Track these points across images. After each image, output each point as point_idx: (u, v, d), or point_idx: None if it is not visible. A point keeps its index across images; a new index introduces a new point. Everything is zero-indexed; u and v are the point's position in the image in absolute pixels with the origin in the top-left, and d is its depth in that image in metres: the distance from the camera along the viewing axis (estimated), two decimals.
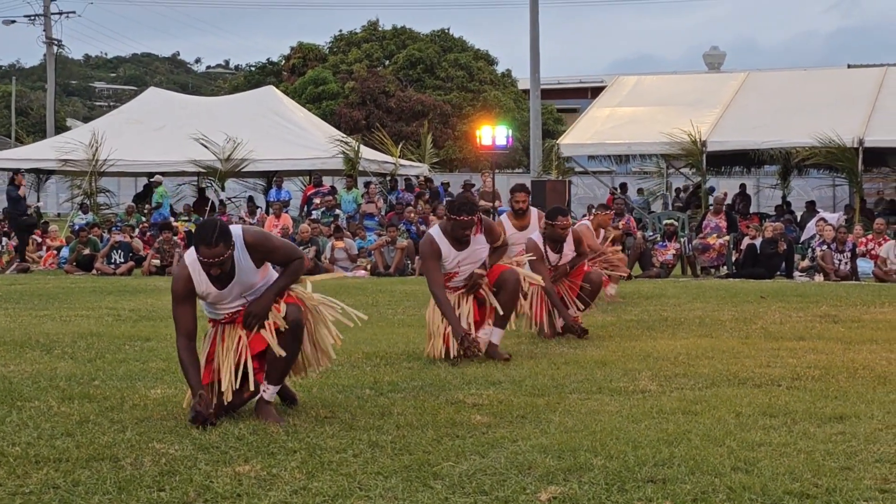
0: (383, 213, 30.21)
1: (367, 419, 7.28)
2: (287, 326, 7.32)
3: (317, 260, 25.38)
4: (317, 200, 30.36)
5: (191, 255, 7.29)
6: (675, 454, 6.23)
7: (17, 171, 28.65)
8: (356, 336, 12.06)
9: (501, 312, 10.43)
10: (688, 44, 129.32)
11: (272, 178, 33.46)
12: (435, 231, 10.43)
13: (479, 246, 10.31)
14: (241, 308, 7.47)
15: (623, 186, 34.77)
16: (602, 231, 16.37)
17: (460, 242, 10.23)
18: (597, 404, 7.82)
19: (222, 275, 7.25)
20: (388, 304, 16.47)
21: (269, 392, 7.40)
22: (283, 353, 7.30)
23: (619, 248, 16.91)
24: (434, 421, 7.21)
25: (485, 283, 10.44)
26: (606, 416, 7.36)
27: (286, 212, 29.70)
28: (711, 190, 30.86)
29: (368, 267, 25.44)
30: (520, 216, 13.49)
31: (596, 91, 39.82)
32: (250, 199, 33.96)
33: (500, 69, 57.41)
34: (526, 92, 43.50)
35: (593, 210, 19.17)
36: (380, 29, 57.32)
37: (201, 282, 7.29)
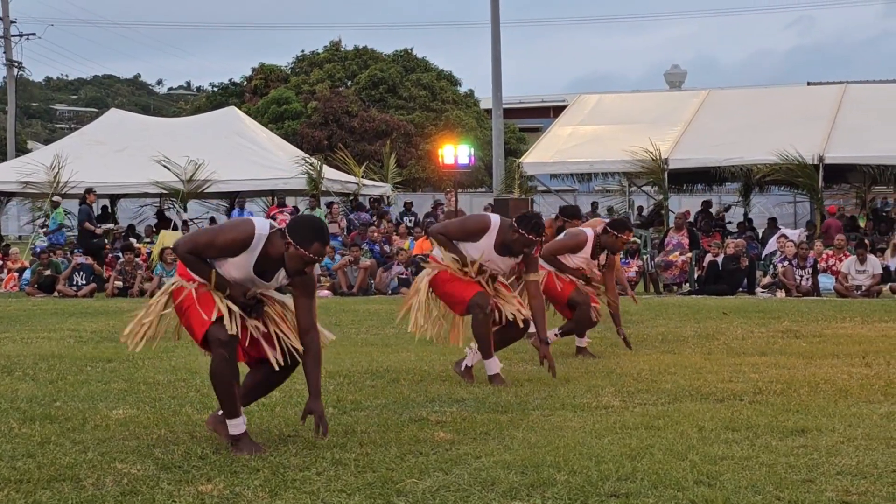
0: (346, 232, 30.20)
1: (330, 437, 7.26)
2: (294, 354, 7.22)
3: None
4: (281, 217, 30.32)
5: (263, 228, 6.95)
6: (638, 469, 6.24)
7: (89, 190, 28.39)
8: None
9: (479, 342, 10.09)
10: (647, 62, 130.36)
11: (235, 199, 33.41)
12: (494, 219, 10.05)
13: (513, 262, 10.15)
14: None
15: (594, 206, 34.84)
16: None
17: (507, 251, 9.96)
18: (560, 420, 7.84)
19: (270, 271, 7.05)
20: (351, 323, 16.46)
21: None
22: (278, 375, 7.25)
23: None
24: (397, 438, 7.20)
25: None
26: (570, 432, 7.37)
27: None
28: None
29: (332, 286, 25.39)
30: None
31: (558, 110, 39.95)
32: (212, 220, 33.87)
33: (462, 89, 57.50)
34: (488, 111, 43.62)
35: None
36: (342, 49, 57.31)
37: (250, 262, 6.98)
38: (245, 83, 58.45)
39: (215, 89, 63.31)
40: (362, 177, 33.62)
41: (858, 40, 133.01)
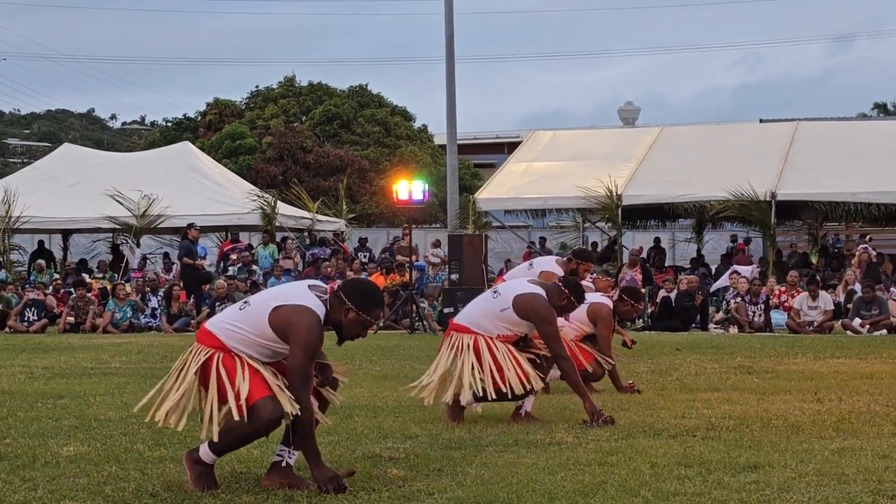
0: (300, 268, 30.14)
1: None
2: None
3: None
4: (233, 256, 30.27)
5: (322, 313, 6.83)
6: None
7: (190, 225, 28.20)
8: None
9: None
10: (598, 99, 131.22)
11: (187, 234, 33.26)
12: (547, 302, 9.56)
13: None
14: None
15: (542, 241, 34.92)
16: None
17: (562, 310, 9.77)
18: (513, 456, 7.83)
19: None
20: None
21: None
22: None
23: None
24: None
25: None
26: (523, 468, 7.36)
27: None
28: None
29: None
30: None
31: (512, 146, 40.05)
32: (166, 255, 33.70)
33: (416, 125, 57.53)
34: (443, 147, 43.65)
35: (590, 274, 13.50)
36: (296, 85, 57.27)
37: None
38: (199, 118, 58.30)
39: (169, 124, 63.17)
40: (316, 212, 33.58)
41: (805, 78, 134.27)
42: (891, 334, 22.20)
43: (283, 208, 32.85)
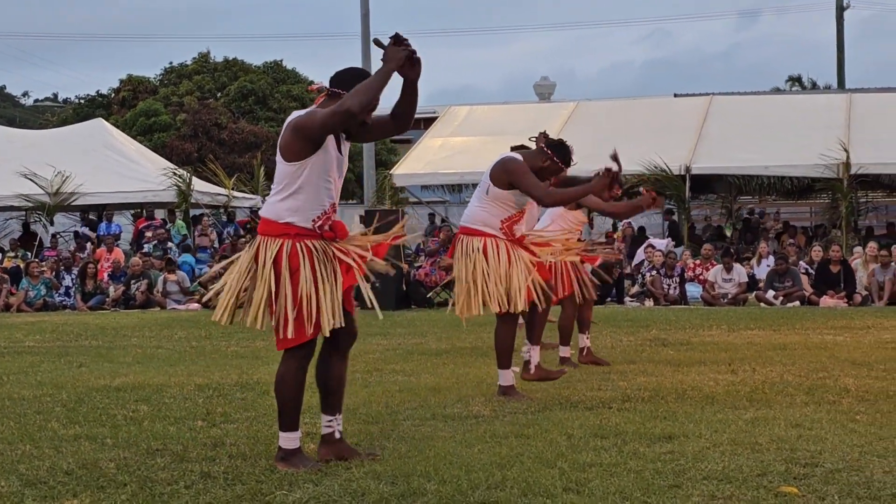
0: (216, 245, 29.99)
1: (199, 450, 7.20)
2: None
3: (149, 293, 25.10)
4: (148, 233, 30.06)
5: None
6: (508, 477, 6.26)
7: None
8: (189, 368, 11.98)
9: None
10: (507, 75, 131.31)
11: (102, 212, 33.00)
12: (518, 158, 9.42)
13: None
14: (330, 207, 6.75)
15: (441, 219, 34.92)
16: None
17: None
18: (430, 430, 7.84)
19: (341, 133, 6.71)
20: (221, 335, 16.32)
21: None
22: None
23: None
24: (267, 451, 7.15)
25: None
26: (440, 442, 7.38)
27: (117, 245, 29.30)
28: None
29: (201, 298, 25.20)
30: None
31: (428, 121, 39.96)
32: (76, 234, 33.39)
33: None
34: None
35: None
36: (211, 61, 56.86)
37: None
38: (113, 95, 57.71)
39: (82, 101, 62.44)
40: (232, 189, 33.41)
41: (713, 53, 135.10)
42: (803, 306, 22.47)
43: (198, 185, 32.67)
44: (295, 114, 6.68)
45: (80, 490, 6.20)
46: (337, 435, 6.97)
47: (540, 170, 9.33)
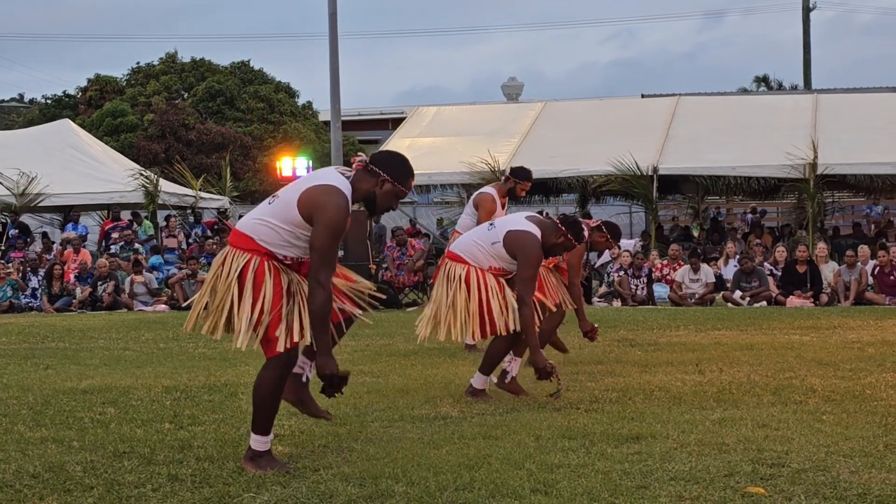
0: (184, 246, 29.91)
1: (166, 453, 7.18)
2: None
3: (116, 295, 25.02)
4: (115, 235, 29.95)
5: (349, 192, 6.64)
6: (476, 478, 6.27)
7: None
8: (156, 370, 11.95)
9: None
10: (474, 75, 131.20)
11: (69, 213, 32.86)
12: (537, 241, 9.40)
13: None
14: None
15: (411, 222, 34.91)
16: None
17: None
18: (398, 431, 7.84)
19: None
20: (188, 337, 16.26)
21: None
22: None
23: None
24: (235, 453, 7.14)
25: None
26: (408, 443, 7.38)
27: (84, 247, 29.19)
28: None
29: (168, 300, 25.12)
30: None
31: (396, 122, 40.00)
32: (45, 234, 33.26)
33: (300, 101, 57.23)
34: (327, 123, 43.50)
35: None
36: (178, 61, 56.70)
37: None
38: (79, 95, 57.51)
39: (48, 101, 62.20)
40: (200, 190, 33.32)
41: (679, 53, 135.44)
42: (770, 306, 22.55)
43: (165, 186, 32.55)
44: (314, 181, 6.69)
45: (47, 493, 6.18)
46: (305, 379, 7.04)
47: (553, 245, 9.44)
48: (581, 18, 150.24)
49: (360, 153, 6.97)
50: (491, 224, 9.70)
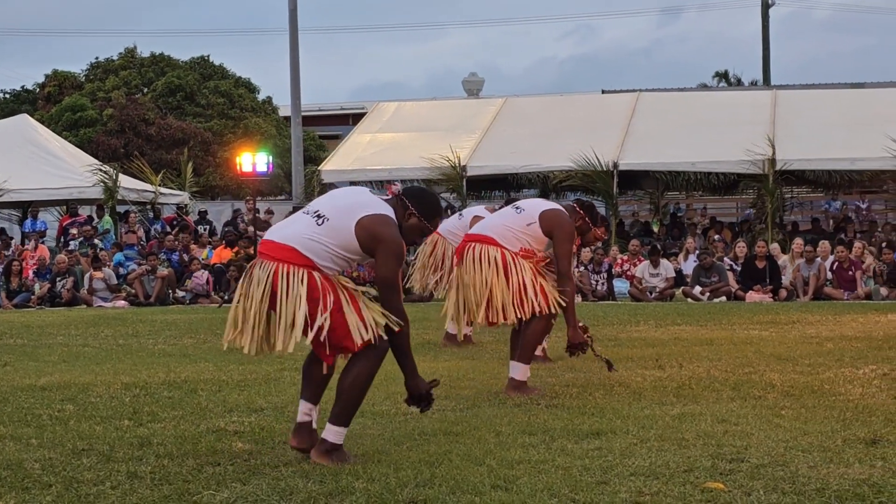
0: (144, 241, 29.80)
1: (125, 450, 7.14)
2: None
3: (75, 291, 24.90)
4: (73, 230, 29.81)
5: (393, 214, 6.74)
6: (437, 475, 6.27)
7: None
8: (115, 367, 11.89)
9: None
10: (432, 70, 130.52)
11: (27, 209, 32.69)
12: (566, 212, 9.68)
13: None
14: None
15: None
16: None
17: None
18: (359, 428, 7.82)
19: None
20: (148, 333, 16.23)
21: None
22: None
23: None
24: (195, 450, 7.12)
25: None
26: (368, 440, 7.38)
27: (43, 242, 29.05)
28: None
29: (128, 296, 25.03)
30: None
31: (357, 117, 39.95)
32: (2, 230, 33.05)
33: (261, 96, 57.07)
34: (287, 119, 43.42)
35: None
36: (137, 56, 56.41)
37: None
38: (38, 90, 57.17)
39: (7, 96, 61.81)
40: (159, 185, 33.20)
41: (636, 49, 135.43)
42: (730, 301, 22.65)
43: (125, 181, 32.41)
44: (367, 210, 6.72)
45: (5, 491, 6.14)
46: (314, 425, 7.00)
47: (585, 234, 9.93)
48: (537, 14, 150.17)
49: (396, 182, 7.14)
50: (517, 208, 9.79)
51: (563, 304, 9.52)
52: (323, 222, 6.76)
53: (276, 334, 6.74)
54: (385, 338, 6.67)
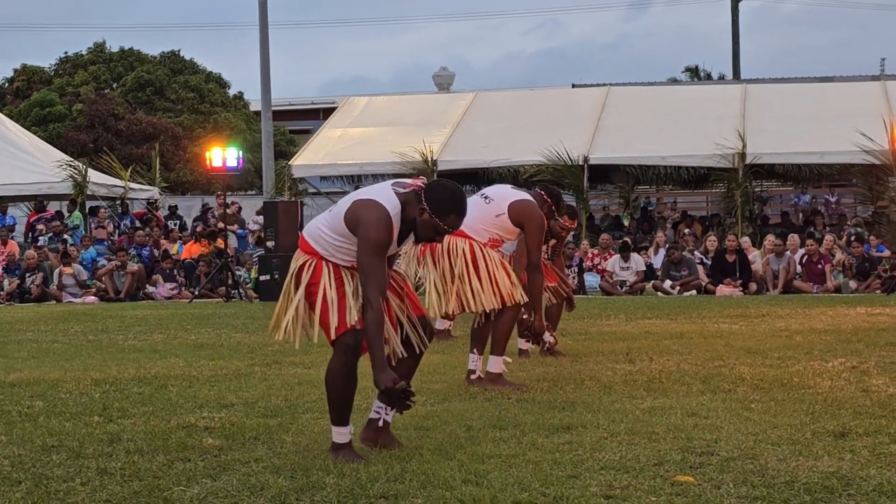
0: (115, 237, 29.71)
1: (95, 446, 7.12)
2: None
3: (44, 286, 24.81)
4: (40, 226, 29.69)
5: (395, 208, 6.56)
6: (407, 469, 6.27)
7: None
8: (85, 363, 11.85)
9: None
10: (399, 65, 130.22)
11: None
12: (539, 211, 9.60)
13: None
14: None
15: None
16: None
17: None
18: (329, 423, 7.81)
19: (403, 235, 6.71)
20: (118, 329, 16.18)
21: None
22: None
23: None
24: (165, 445, 7.10)
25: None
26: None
27: (12, 238, 28.92)
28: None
29: (97, 292, 24.94)
30: None
31: (328, 112, 39.89)
32: None
33: (231, 91, 56.94)
34: (257, 113, 43.36)
35: None
36: (107, 51, 56.21)
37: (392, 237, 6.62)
38: (6, 85, 56.93)
39: None
40: (129, 180, 33.09)
41: (604, 43, 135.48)
42: (700, 295, 22.71)
43: (94, 177, 32.30)
44: (360, 195, 6.73)
45: None
46: (381, 423, 6.97)
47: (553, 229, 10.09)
48: (504, 8, 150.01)
49: (422, 176, 6.97)
50: (484, 196, 9.69)
51: (526, 300, 9.52)
52: (331, 210, 6.83)
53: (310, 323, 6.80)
54: (358, 328, 6.57)
